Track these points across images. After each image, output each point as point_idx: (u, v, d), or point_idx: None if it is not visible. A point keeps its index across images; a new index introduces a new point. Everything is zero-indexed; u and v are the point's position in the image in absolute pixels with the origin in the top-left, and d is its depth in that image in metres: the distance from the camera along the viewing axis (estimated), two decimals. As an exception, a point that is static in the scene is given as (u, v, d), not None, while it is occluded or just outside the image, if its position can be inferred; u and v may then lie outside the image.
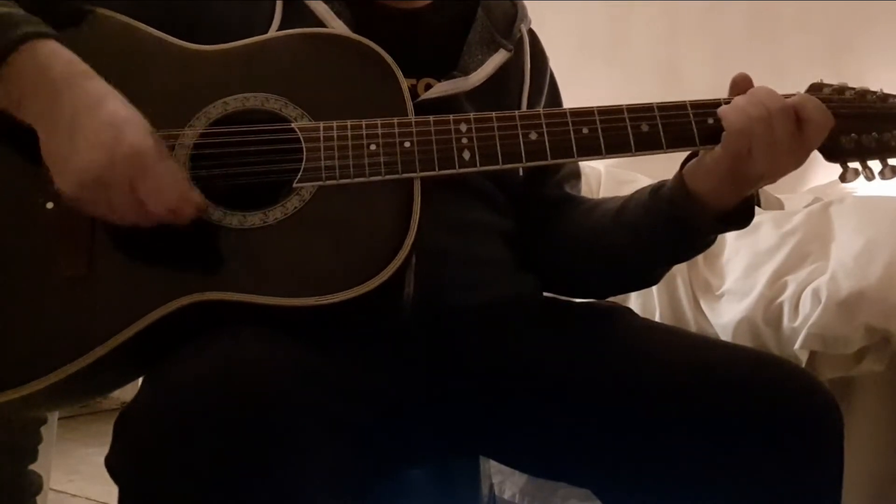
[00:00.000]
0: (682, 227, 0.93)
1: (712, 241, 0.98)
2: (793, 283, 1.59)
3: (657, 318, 1.70)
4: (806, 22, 2.78)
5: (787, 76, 1.06)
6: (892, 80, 1.00)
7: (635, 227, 0.97)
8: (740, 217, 0.93)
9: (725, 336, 1.62)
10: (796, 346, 1.53)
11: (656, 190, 0.96)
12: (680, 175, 0.93)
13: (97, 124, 0.79)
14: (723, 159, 0.88)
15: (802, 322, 1.53)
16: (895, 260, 1.55)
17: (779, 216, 1.79)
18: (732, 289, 1.67)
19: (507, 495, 1.79)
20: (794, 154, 0.88)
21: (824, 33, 2.74)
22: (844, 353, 1.52)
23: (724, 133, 0.87)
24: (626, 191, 2.21)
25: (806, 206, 1.90)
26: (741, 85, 0.92)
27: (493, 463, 1.19)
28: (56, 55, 0.82)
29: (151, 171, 0.79)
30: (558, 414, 0.94)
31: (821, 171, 2.46)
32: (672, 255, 1.00)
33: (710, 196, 0.90)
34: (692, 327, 1.69)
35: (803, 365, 1.50)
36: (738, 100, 0.88)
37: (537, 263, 1.07)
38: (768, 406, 0.85)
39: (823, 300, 1.51)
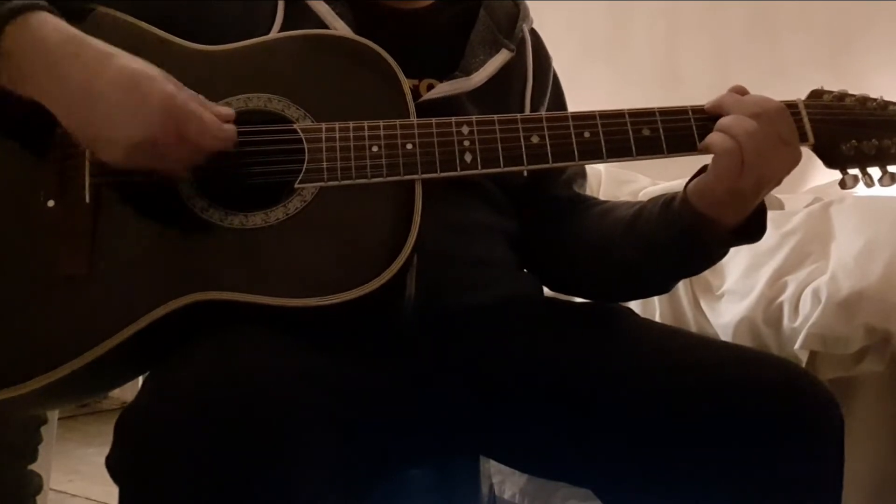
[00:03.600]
0: (693, 242, 0.92)
1: (725, 254, 0.97)
2: (793, 283, 1.59)
3: (657, 318, 1.70)
4: (806, 22, 2.78)
5: (787, 76, 1.07)
6: (892, 81, 1.00)
7: (648, 239, 0.96)
8: (752, 229, 0.92)
9: (725, 336, 1.62)
10: (796, 346, 1.53)
11: (668, 203, 0.95)
12: (685, 195, 0.92)
13: (114, 89, 0.79)
14: (717, 182, 0.88)
15: (802, 322, 1.53)
16: (895, 260, 1.55)
17: (779, 216, 1.79)
18: (732, 289, 1.67)
19: (507, 495, 1.79)
20: (782, 155, 0.88)
21: (824, 33, 2.74)
22: (844, 353, 1.52)
23: (712, 158, 0.87)
24: (626, 191, 2.22)
25: (806, 206, 1.90)
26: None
27: (493, 463, 1.19)
28: (47, 24, 0.82)
29: (188, 112, 0.80)
30: (558, 414, 0.94)
31: (821, 172, 2.45)
32: (685, 268, 0.99)
33: (717, 215, 0.90)
34: (692, 327, 1.69)
35: (803, 365, 1.49)
36: (721, 122, 0.88)
37: (545, 264, 1.07)
38: (769, 406, 0.85)
39: (823, 300, 1.51)
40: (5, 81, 0.82)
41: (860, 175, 0.92)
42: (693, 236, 0.91)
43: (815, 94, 0.94)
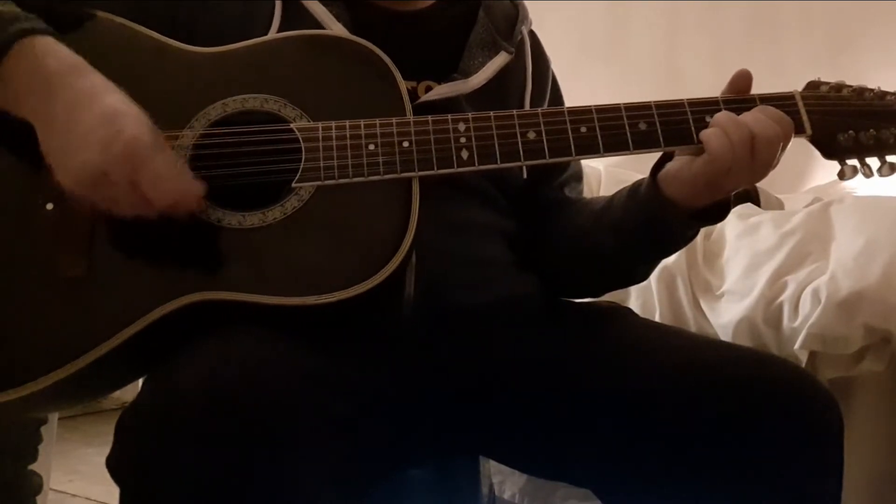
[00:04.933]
0: (658, 227, 0.94)
1: (693, 236, 0.99)
2: (792, 283, 1.59)
3: (657, 318, 1.70)
4: (806, 22, 2.78)
5: (786, 76, 1.06)
6: (893, 80, 1.00)
7: (616, 227, 0.98)
8: (716, 212, 0.93)
9: (725, 336, 1.62)
10: (796, 346, 1.53)
11: (634, 190, 0.97)
12: (653, 182, 0.93)
13: (94, 119, 0.79)
14: (702, 176, 0.88)
15: (802, 322, 1.53)
16: (895, 260, 1.54)
17: (779, 216, 1.79)
18: (732, 289, 1.67)
19: (507, 495, 1.79)
20: (770, 166, 0.88)
21: (824, 33, 2.74)
22: (844, 353, 1.52)
23: (704, 154, 0.88)
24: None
25: (806, 206, 1.90)
26: (741, 83, 0.92)
27: (493, 463, 1.19)
28: (51, 51, 0.82)
29: (151, 163, 0.79)
30: (558, 414, 0.94)
31: (821, 171, 2.46)
32: (653, 252, 1.01)
33: (686, 201, 0.91)
34: (692, 327, 1.69)
35: (803, 365, 1.49)
36: (721, 120, 0.88)
37: (538, 264, 1.08)
38: (768, 406, 0.85)
39: (823, 300, 1.51)
40: (2, 103, 0.82)
41: (859, 166, 0.91)
42: (658, 221, 0.93)
43: (812, 86, 0.94)
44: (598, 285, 1.11)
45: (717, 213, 0.93)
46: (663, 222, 0.93)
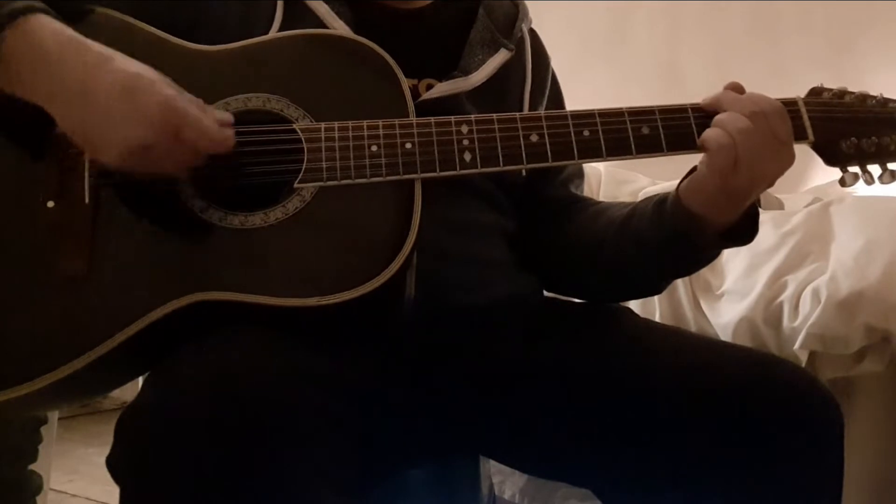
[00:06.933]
0: (684, 242, 0.92)
1: (716, 256, 0.97)
2: (792, 283, 1.59)
3: (657, 318, 1.70)
4: (806, 22, 2.78)
5: (787, 77, 1.07)
6: (893, 81, 1.00)
7: (640, 238, 0.96)
8: (744, 232, 0.92)
9: (725, 336, 1.62)
10: (796, 346, 1.53)
11: (661, 202, 0.95)
12: (677, 194, 0.92)
13: (114, 93, 0.79)
14: (709, 179, 0.88)
15: (802, 322, 1.53)
16: (895, 260, 1.55)
17: (779, 216, 1.79)
18: (732, 289, 1.67)
19: (507, 495, 1.79)
20: (776, 155, 0.87)
21: (824, 34, 2.74)
22: (844, 353, 1.52)
23: (705, 153, 0.87)
24: (626, 191, 2.21)
25: (806, 206, 1.90)
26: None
27: (493, 463, 1.19)
28: (48, 28, 0.82)
29: (186, 115, 0.80)
30: (558, 414, 0.94)
31: (821, 171, 2.45)
32: (675, 268, 0.99)
33: (708, 213, 0.90)
34: (692, 327, 1.69)
35: (803, 365, 1.50)
36: (718, 119, 0.88)
37: (541, 264, 1.07)
38: (768, 406, 0.85)
39: (823, 300, 1.51)
40: (4, 84, 0.82)
41: (860, 173, 0.92)
42: (683, 237, 0.91)
43: (815, 92, 0.94)
44: (610, 293, 1.08)
45: (745, 232, 0.92)
46: (686, 237, 0.91)
